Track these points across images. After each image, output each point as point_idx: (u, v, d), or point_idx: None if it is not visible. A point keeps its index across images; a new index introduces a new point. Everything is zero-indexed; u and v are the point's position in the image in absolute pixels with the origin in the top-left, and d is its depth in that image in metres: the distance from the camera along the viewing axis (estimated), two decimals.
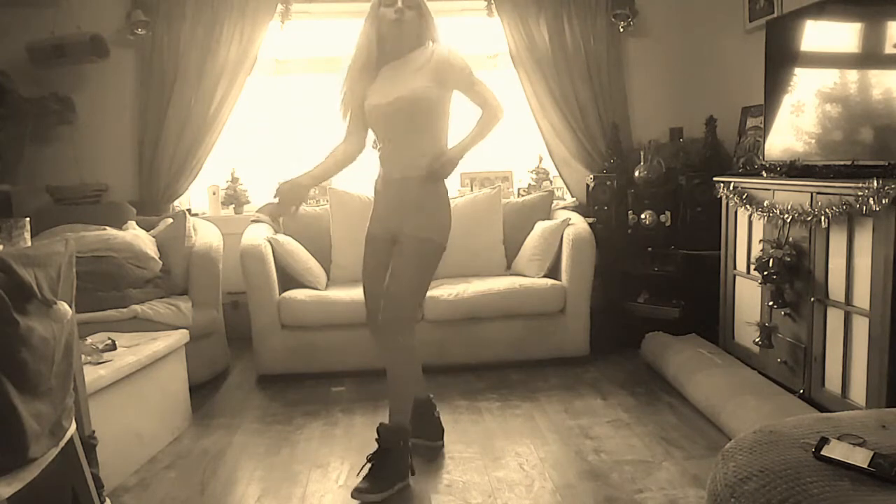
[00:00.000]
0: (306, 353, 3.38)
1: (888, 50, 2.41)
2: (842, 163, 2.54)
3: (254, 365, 3.48)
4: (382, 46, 2.33)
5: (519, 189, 4.34)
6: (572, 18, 4.06)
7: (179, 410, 2.85)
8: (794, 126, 2.87)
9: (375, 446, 2.28)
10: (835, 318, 2.48)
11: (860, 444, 1.33)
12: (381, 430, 2.30)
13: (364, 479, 2.23)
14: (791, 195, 2.68)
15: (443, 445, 2.59)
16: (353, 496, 2.19)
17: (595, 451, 2.51)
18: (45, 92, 3.82)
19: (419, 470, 2.39)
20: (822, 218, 2.44)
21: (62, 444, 1.66)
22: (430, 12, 2.34)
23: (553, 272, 3.62)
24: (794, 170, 2.80)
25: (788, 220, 2.68)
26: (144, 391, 2.56)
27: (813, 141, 2.77)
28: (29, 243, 2.04)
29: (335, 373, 3.38)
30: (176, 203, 4.09)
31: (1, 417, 1.41)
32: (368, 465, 2.26)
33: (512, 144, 4.43)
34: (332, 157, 2.44)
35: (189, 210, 3.98)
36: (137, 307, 3.10)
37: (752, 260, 2.93)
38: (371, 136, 2.48)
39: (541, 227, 3.75)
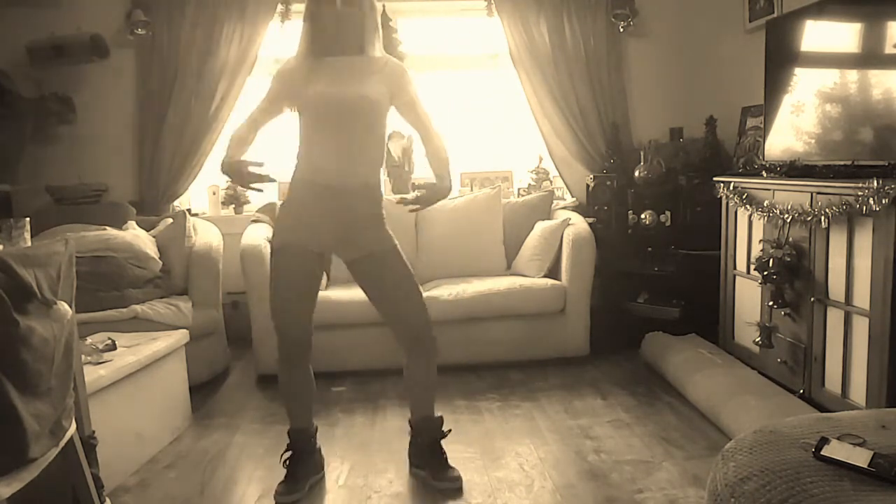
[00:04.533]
0: None
1: (888, 50, 2.41)
2: (842, 163, 2.54)
3: (254, 365, 3.48)
4: (319, 39, 2.14)
5: (519, 189, 4.34)
6: (572, 18, 4.06)
7: (179, 410, 2.85)
8: (794, 126, 2.87)
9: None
10: (835, 318, 2.48)
11: (860, 444, 1.33)
12: (293, 434, 2.31)
13: (282, 483, 2.24)
14: (791, 195, 2.68)
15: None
16: (277, 500, 2.20)
17: (595, 451, 2.51)
18: (45, 92, 3.82)
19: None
20: (822, 218, 2.44)
21: (62, 444, 1.66)
22: (374, 16, 2.18)
23: (553, 272, 3.62)
24: (794, 170, 2.80)
25: (788, 220, 2.68)
26: (144, 391, 2.56)
27: (813, 141, 2.77)
28: (29, 243, 2.04)
29: (335, 373, 3.37)
30: (176, 203, 4.09)
31: (1, 417, 1.41)
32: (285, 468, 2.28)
33: (512, 144, 4.44)
34: (240, 140, 2.22)
35: (189, 210, 3.98)
36: (137, 307, 3.10)
37: (752, 260, 2.93)
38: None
39: (541, 227, 3.75)
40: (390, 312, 2.29)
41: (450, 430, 2.39)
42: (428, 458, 2.34)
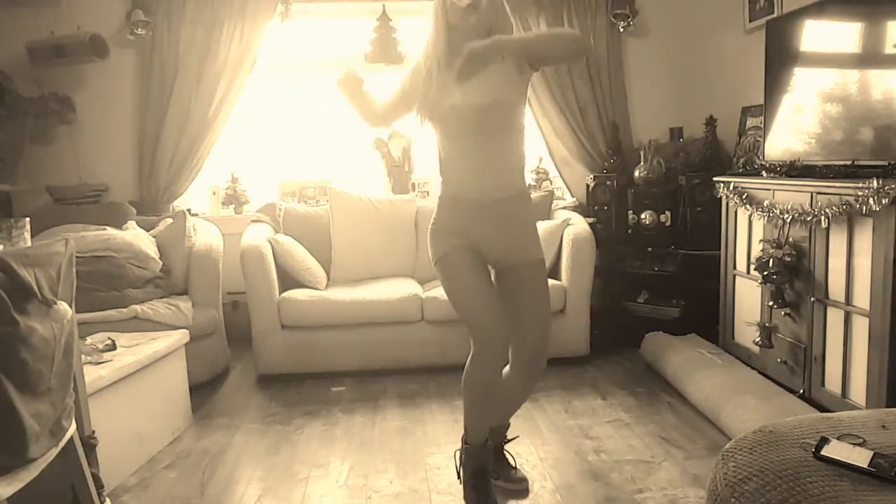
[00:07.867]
0: (306, 353, 3.38)
1: (888, 50, 2.40)
2: (842, 163, 2.54)
3: (254, 365, 3.48)
4: (453, 40, 2.01)
5: None
6: (572, 18, 4.06)
7: (179, 410, 2.85)
8: (794, 126, 2.87)
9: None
10: (835, 318, 2.48)
11: (860, 444, 1.33)
12: (482, 442, 2.15)
13: None
14: (791, 195, 2.68)
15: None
16: None
17: (595, 451, 2.51)
18: (45, 92, 3.82)
19: (420, 471, 2.40)
20: (822, 218, 2.44)
21: (62, 444, 1.66)
22: (504, 6, 2.09)
23: (553, 272, 3.62)
24: (794, 170, 2.80)
25: (788, 220, 2.68)
26: (144, 391, 2.56)
27: (813, 141, 2.77)
28: (29, 243, 2.04)
29: (335, 373, 3.38)
30: (176, 203, 4.09)
31: (1, 417, 1.42)
32: None
33: None
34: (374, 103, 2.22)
35: (189, 210, 3.97)
36: (137, 307, 3.10)
37: (752, 260, 2.93)
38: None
39: (541, 227, 3.72)
40: (515, 324, 2.10)
41: (516, 437, 2.37)
42: (493, 462, 2.29)
